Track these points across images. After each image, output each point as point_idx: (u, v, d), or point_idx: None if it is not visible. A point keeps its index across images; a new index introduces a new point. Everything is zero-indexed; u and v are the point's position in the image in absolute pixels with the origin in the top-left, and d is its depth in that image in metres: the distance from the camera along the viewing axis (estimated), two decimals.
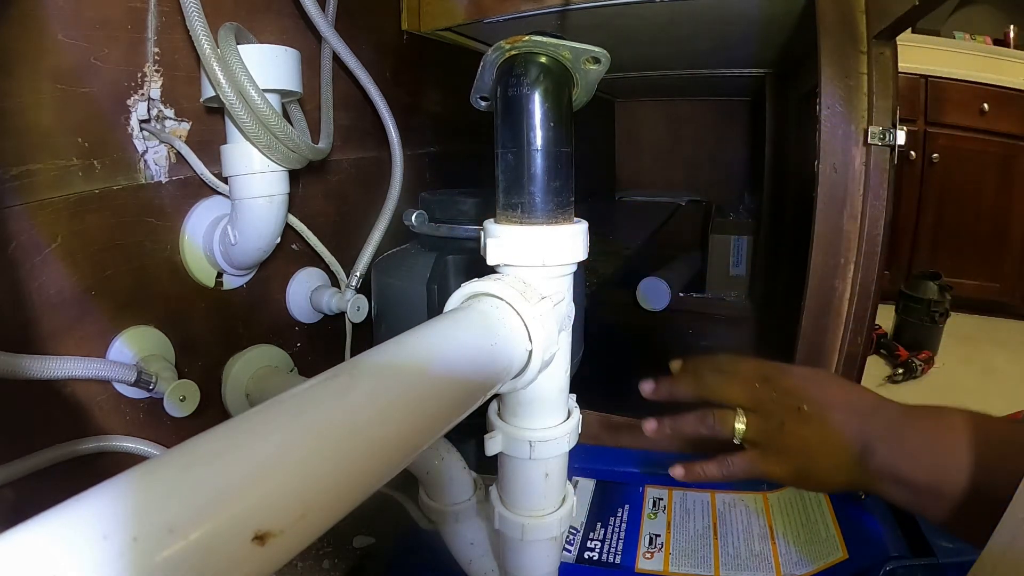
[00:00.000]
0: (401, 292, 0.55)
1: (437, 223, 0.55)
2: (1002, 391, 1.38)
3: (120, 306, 0.42)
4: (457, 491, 0.42)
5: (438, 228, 0.54)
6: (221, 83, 0.39)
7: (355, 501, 0.19)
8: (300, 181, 0.56)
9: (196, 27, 0.38)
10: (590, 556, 0.48)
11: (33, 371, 0.35)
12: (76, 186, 0.39)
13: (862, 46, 0.51)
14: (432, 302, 0.52)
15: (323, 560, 0.54)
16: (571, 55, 0.30)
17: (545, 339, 0.27)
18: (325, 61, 0.55)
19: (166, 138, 0.44)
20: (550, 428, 0.32)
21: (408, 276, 0.54)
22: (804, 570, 0.44)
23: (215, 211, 0.48)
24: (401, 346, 0.23)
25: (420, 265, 0.54)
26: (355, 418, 0.19)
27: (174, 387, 0.42)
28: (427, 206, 0.57)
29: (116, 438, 0.42)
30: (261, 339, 0.54)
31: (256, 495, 0.15)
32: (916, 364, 1.44)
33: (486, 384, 0.26)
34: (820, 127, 0.52)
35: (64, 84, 0.38)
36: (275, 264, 0.54)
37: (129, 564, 0.13)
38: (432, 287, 0.52)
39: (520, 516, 0.34)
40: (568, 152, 0.30)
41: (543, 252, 0.29)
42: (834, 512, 0.48)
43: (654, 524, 0.51)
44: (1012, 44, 1.78)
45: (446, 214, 0.55)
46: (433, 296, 0.52)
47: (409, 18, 0.69)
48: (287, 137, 0.42)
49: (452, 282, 0.52)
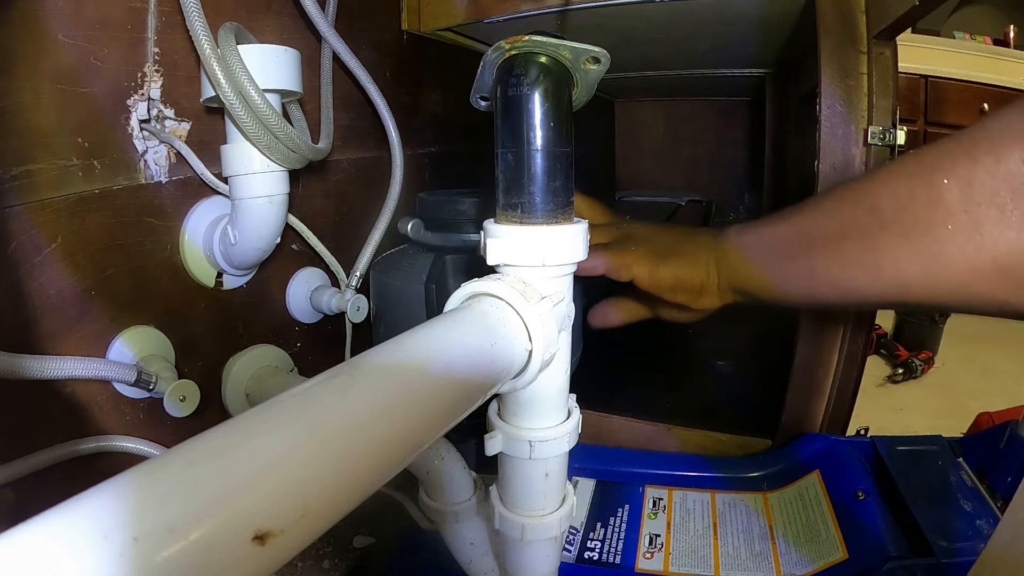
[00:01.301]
0: (399, 292, 0.55)
1: (432, 230, 0.55)
2: (1002, 391, 1.38)
3: (120, 306, 0.42)
4: (457, 491, 0.42)
5: (433, 236, 0.55)
6: (221, 83, 0.39)
7: (355, 501, 0.19)
8: (300, 181, 0.56)
9: (196, 27, 0.38)
10: (590, 556, 0.48)
11: (33, 371, 0.35)
12: (76, 186, 0.39)
13: (862, 46, 0.51)
14: (430, 301, 0.52)
15: (323, 560, 0.54)
16: (571, 55, 0.30)
17: (545, 339, 0.27)
18: (325, 61, 0.55)
19: (166, 138, 0.44)
20: (550, 428, 0.32)
21: (406, 276, 0.54)
22: (804, 570, 0.44)
23: (215, 211, 0.48)
24: (401, 346, 0.23)
25: (418, 265, 0.54)
26: (355, 418, 0.19)
27: (174, 387, 0.42)
28: (422, 208, 0.57)
29: (116, 438, 0.42)
30: (261, 339, 0.54)
31: (256, 495, 0.15)
32: (916, 364, 1.44)
33: (486, 384, 0.26)
34: (820, 127, 0.52)
35: (64, 84, 0.38)
36: (275, 264, 0.54)
37: (129, 564, 0.13)
38: (430, 286, 0.52)
39: (520, 516, 0.34)
40: (568, 152, 0.30)
41: (543, 252, 0.29)
42: (834, 512, 0.48)
43: (654, 524, 0.51)
44: (1012, 44, 1.79)
45: (441, 219, 0.55)
46: (431, 295, 0.52)
47: (409, 18, 0.69)
48: (287, 137, 0.42)
49: (450, 281, 0.52)
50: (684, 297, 0.42)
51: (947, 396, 1.44)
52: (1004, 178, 0.26)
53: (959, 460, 0.50)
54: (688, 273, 0.41)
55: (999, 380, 1.45)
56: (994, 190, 0.26)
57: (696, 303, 0.42)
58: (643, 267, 0.42)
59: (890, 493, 0.48)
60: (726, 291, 0.41)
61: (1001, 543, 0.24)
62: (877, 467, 0.51)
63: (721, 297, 0.42)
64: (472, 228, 0.54)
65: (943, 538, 0.41)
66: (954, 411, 1.36)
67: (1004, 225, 0.26)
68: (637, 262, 0.42)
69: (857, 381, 0.57)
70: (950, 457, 0.50)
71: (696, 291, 0.42)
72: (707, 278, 0.41)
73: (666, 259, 0.42)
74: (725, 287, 0.41)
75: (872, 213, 0.32)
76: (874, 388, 1.49)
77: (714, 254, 0.41)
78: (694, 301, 0.42)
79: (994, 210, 0.27)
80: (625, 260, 0.42)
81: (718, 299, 0.42)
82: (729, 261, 0.40)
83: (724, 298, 0.42)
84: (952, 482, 0.47)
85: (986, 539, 0.29)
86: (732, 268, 0.40)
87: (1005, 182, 0.26)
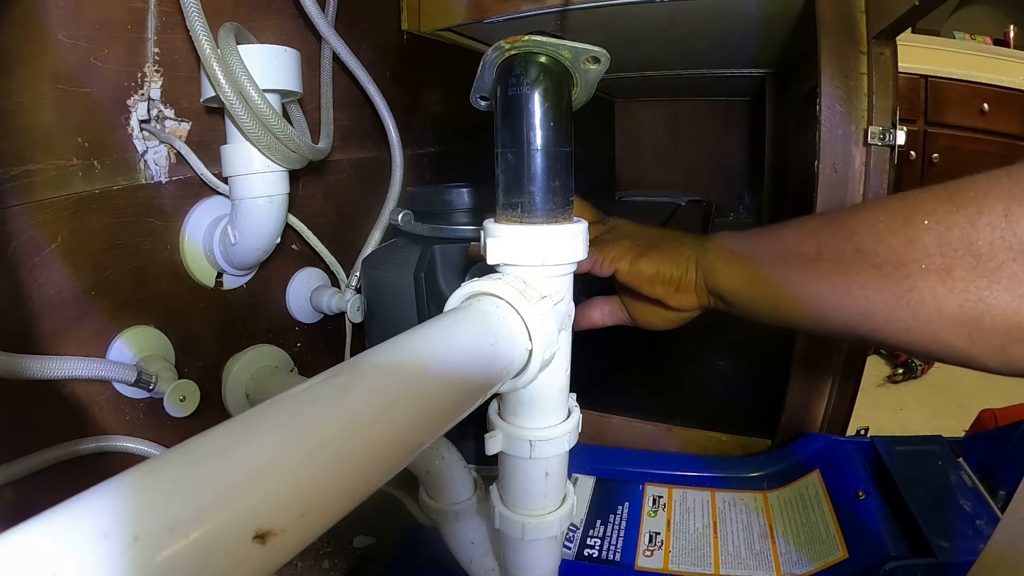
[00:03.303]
0: (390, 284, 0.55)
1: (423, 221, 0.55)
2: (1002, 391, 1.38)
3: (120, 306, 0.42)
4: (457, 490, 0.42)
5: (424, 227, 0.55)
6: (221, 83, 0.39)
7: (355, 500, 0.19)
8: (300, 181, 0.56)
9: (196, 27, 0.38)
10: (590, 553, 0.48)
11: (33, 371, 0.35)
12: (76, 186, 0.39)
13: (862, 46, 0.51)
14: (420, 291, 0.52)
15: (323, 560, 0.54)
16: (571, 55, 0.30)
17: (545, 338, 0.27)
18: (325, 61, 0.55)
19: (166, 138, 0.44)
20: (550, 427, 0.32)
21: (396, 267, 0.54)
22: (804, 569, 0.44)
23: (215, 211, 0.48)
24: (401, 345, 0.23)
25: (408, 257, 0.54)
26: (355, 417, 0.19)
27: (174, 387, 0.42)
28: (412, 201, 0.56)
29: (116, 438, 0.42)
30: (261, 339, 0.54)
31: (257, 494, 0.15)
32: (916, 364, 1.44)
33: (486, 383, 0.26)
34: (820, 127, 0.52)
35: (64, 84, 0.38)
36: (275, 264, 0.54)
37: (130, 563, 0.13)
38: (419, 275, 0.52)
39: (520, 515, 0.34)
40: (568, 152, 0.30)
41: (543, 251, 0.29)
42: (834, 512, 0.48)
43: (654, 522, 0.51)
44: (1012, 44, 1.79)
45: (431, 210, 0.55)
46: (421, 285, 0.52)
47: (409, 18, 0.69)
48: (287, 137, 0.42)
49: (439, 271, 0.52)
50: (662, 291, 0.42)
51: (947, 396, 1.44)
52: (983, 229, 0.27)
53: (959, 460, 0.50)
54: (668, 267, 0.41)
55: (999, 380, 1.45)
56: (972, 238, 0.27)
57: (673, 299, 0.42)
58: (624, 260, 0.42)
59: (890, 493, 0.48)
60: (703, 291, 0.41)
61: (1001, 543, 0.24)
62: (877, 467, 0.51)
63: (698, 296, 0.42)
64: (460, 219, 0.54)
65: (943, 538, 0.41)
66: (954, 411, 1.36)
67: (976, 274, 0.27)
68: (619, 255, 0.42)
69: (857, 381, 0.57)
70: (950, 457, 0.50)
71: (674, 285, 0.42)
72: (686, 274, 0.41)
73: (648, 252, 0.42)
74: (702, 286, 0.41)
75: (851, 240, 0.32)
76: (874, 388, 1.49)
77: (696, 251, 0.41)
78: (672, 297, 0.42)
79: (969, 258, 0.27)
80: (607, 253, 0.42)
81: (695, 298, 0.42)
82: (709, 260, 0.41)
83: (701, 298, 0.42)
84: (952, 482, 0.47)
85: (986, 539, 0.29)
86: (710, 266, 0.40)
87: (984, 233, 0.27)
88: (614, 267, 0.42)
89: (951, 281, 0.28)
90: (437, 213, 0.55)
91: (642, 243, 0.43)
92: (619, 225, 0.46)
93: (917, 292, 0.29)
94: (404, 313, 0.54)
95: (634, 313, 0.46)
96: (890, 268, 0.30)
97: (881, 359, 1.52)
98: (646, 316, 0.46)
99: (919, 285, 0.29)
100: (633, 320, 0.47)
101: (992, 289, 0.27)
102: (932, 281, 0.29)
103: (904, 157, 1.71)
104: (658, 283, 0.42)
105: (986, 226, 0.27)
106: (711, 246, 0.41)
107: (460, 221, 0.54)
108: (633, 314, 0.46)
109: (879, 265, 0.31)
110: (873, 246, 0.31)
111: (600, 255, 0.42)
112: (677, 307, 0.43)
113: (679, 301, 0.42)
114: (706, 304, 0.42)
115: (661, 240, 0.43)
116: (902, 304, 0.30)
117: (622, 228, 0.46)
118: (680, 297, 0.42)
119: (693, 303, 0.42)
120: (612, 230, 0.45)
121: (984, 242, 0.27)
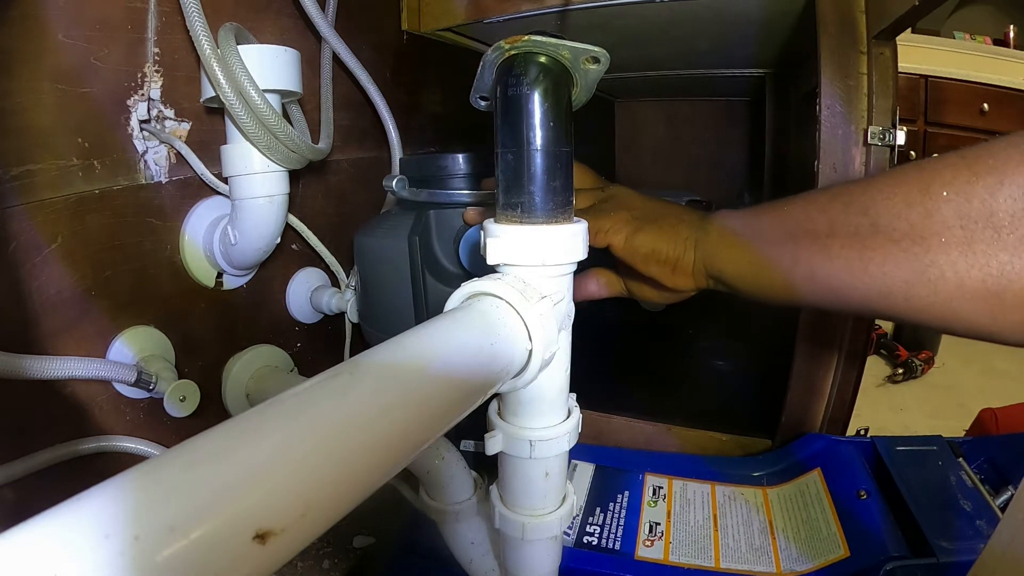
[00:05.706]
0: (383, 250, 0.53)
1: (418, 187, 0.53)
2: (1002, 391, 1.38)
3: (120, 306, 0.42)
4: (458, 490, 0.42)
5: (419, 193, 0.53)
6: (221, 83, 0.39)
7: (355, 500, 0.19)
8: (300, 181, 0.56)
9: (196, 27, 0.38)
10: (589, 541, 0.48)
11: (33, 371, 0.35)
12: (76, 186, 0.39)
13: (862, 46, 0.51)
14: (414, 255, 0.50)
15: (323, 560, 0.54)
16: (571, 55, 0.30)
17: (545, 338, 0.27)
18: (325, 61, 0.55)
19: (166, 138, 0.44)
20: (550, 427, 0.32)
21: (389, 233, 0.53)
22: (804, 566, 0.44)
23: (215, 211, 0.48)
24: (401, 345, 0.23)
25: (401, 222, 0.53)
26: (355, 417, 0.19)
27: (174, 387, 0.42)
28: (404, 169, 0.55)
29: (116, 438, 0.42)
30: (261, 339, 0.54)
31: (257, 494, 0.15)
32: (916, 364, 1.44)
33: (486, 383, 0.26)
34: (820, 127, 0.52)
35: (64, 84, 0.38)
36: (275, 264, 0.54)
37: (130, 563, 0.13)
38: (413, 239, 0.50)
39: (520, 515, 0.34)
40: (568, 152, 0.30)
41: (543, 251, 0.29)
42: (835, 510, 0.48)
43: (654, 512, 0.50)
44: (1012, 44, 1.79)
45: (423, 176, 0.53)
46: (415, 248, 0.50)
47: (409, 18, 0.69)
48: (287, 137, 0.42)
49: (433, 235, 0.51)
50: (657, 270, 0.40)
51: (947, 396, 1.44)
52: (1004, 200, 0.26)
53: (959, 460, 0.50)
54: (665, 245, 0.39)
55: (999, 380, 1.45)
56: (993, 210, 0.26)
57: (669, 280, 0.40)
58: (620, 233, 0.40)
59: (890, 493, 0.48)
60: (700, 274, 0.39)
61: (1001, 543, 0.24)
62: (877, 467, 0.51)
63: (695, 279, 0.40)
64: (453, 184, 0.52)
65: (943, 538, 0.41)
66: (954, 411, 1.36)
67: (998, 247, 0.26)
68: (614, 227, 0.40)
69: (857, 381, 0.57)
70: (950, 457, 0.50)
71: (670, 266, 0.40)
72: (684, 254, 0.39)
73: (645, 227, 0.40)
74: (700, 269, 0.39)
75: (865, 215, 0.31)
76: (874, 388, 1.49)
77: (696, 232, 0.39)
78: (667, 277, 0.40)
79: (990, 230, 0.26)
80: (602, 225, 0.40)
81: (691, 281, 0.40)
82: (710, 242, 0.39)
83: (698, 281, 0.40)
84: (952, 482, 0.47)
85: (986, 539, 0.29)
86: (711, 250, 0.38)
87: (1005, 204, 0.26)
88: (608, 240, 0.40)
89: (972, 255, 0.27)
90: (431, 178, 0.53)
91: (640, 216, 0.41)
92: (618, 194, 0.43)
93: (937, 268, 0.28)
94: (398, 280, 0.51)
95: (631, 287, 0.45)
96: (909, 243, 0.29)
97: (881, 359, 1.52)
98: (643, 292, 0.44)
99: (939, 260, 0.28)
100: (630, 294, 0.45)
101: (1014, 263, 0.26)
102: (953, 255, 0.27)
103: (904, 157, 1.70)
104: (653, 262, 0.40)
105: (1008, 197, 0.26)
106: (711, 228, 0.39)
107: (455, 186, 0.52)
108: (630, 288, 0.45)
109: (897, 240, 0.29)
110: (890, 220, 0.29)
111: (594, 226, 0.40)
112: (672, 288, 0.41)
113: (675, 282, 0.40)
114: (703, 287, 0.41)
115: (661, 215, 0.41)
116: (923, 280, 0.29)
117: (621, 198, 0.43)
118: (676, 279, 0.40)
119: (689, 285, 0.40)
120: (611, 199, 0.43)
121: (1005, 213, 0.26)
